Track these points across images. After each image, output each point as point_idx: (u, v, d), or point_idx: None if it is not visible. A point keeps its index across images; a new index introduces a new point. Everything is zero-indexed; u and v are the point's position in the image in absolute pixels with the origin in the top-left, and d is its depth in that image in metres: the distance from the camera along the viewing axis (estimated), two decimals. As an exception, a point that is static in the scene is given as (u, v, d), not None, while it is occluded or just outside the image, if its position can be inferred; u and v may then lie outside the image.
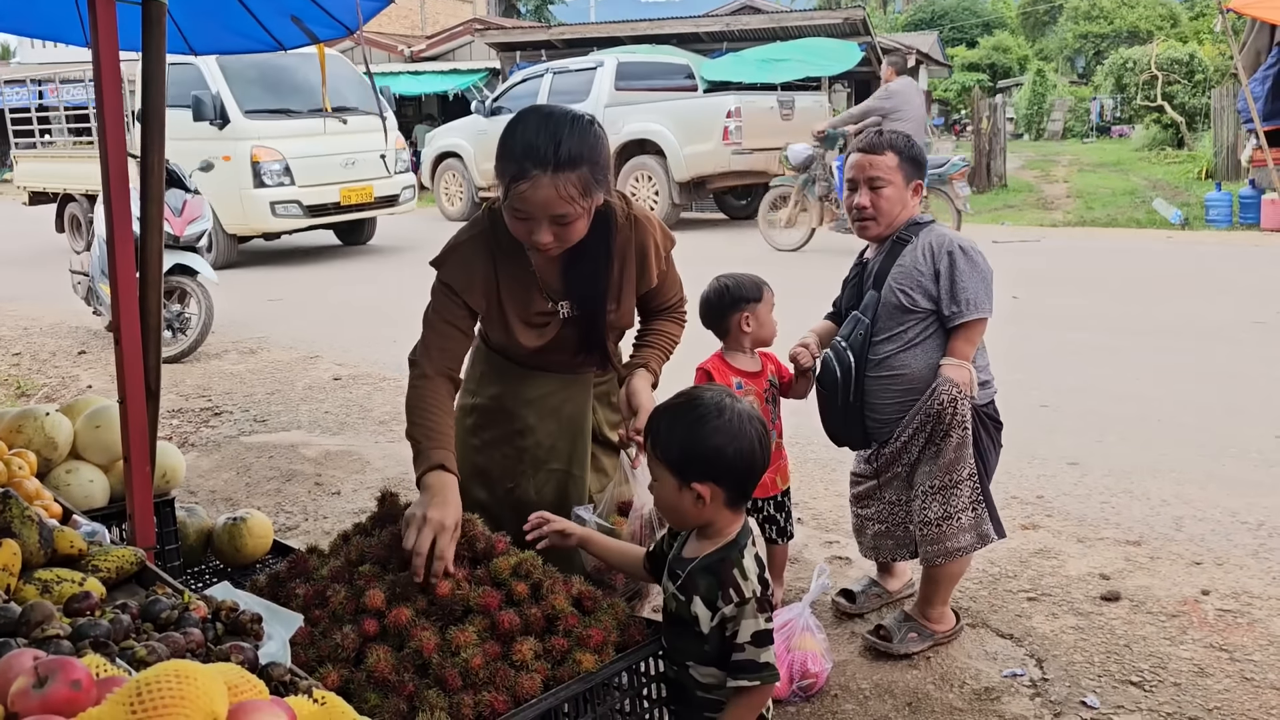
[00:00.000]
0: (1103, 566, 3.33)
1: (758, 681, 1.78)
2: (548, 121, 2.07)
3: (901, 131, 3.01)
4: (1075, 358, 6.08)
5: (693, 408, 1.85)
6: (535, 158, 2.01)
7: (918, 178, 2.86)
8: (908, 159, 2.83)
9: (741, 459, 1.82)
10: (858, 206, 2.85)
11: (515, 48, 19.81)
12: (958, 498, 2.72)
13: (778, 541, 3.14)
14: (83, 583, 1.72)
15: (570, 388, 2.50)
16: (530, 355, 2.38)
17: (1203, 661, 2.74)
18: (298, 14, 3.31)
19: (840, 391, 2.84)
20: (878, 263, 2.87)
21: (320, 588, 1.98)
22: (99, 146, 2.34)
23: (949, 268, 2.71)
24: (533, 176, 2.02)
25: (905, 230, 2.83)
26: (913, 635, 2.82)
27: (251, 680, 1.22)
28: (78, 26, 3.41)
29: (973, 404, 2.73)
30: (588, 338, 2.37)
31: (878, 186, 2.81)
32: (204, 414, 5.63)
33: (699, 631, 1.82)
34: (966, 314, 2.69)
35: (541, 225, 2.08)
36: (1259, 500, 3.83)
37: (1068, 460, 4.35)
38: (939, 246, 2.75)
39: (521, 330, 2.30)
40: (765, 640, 1.79)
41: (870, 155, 2.83)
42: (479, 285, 2.24)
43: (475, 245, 2.27)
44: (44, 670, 1.10)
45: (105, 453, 2.73)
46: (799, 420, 3.28)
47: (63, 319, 8.52)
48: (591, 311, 2.33)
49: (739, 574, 1.81)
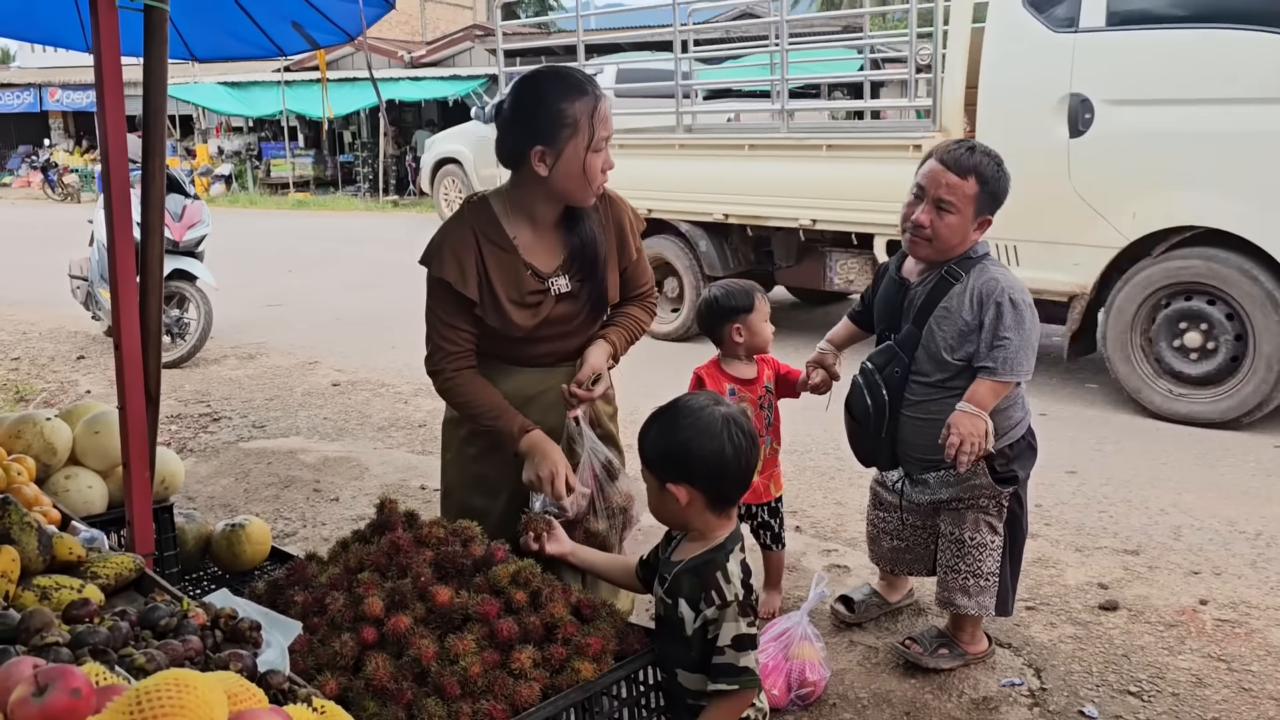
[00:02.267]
0: (1101, 575, 3.33)
1: (736, 686, 1.76)
2: (560, 69, 2.28)
3: (995, 152, 2.60)
4: (1071, 365, 6.08)
5: (670, 409, 1.88)
6: (592, 86, 2.22)
7: (989, 212, 2.59)
8: (990, 191, 2.55)
9: (711, 459, 1.81)
10: (915, 222, 2.59)
11: (515, 54, 19.84)
12: (976, 560, 2.69)
13: (772, 548, 3.14)
14: (82, 589, 1.71)
15: (560, 381, 2.51)
16: (525, 340, 2.39)
17: (1201, 671, 2.74)
18: (299, 20, 3.32)
19: (872, 424, 2.73)
20: (922, 294, 2.65)
21: (319, 595, 1.98)
22: (100, 152, 2.34)
23: (994, 320, 2.52)
24: (600, 97, 2.21)
25: (958, 263, 2.60)
26: (944, 651, 2.78)
27: (250, 688, 1.22)
28: (79, 31, 3.41)
29: (1012, 486, 2.66)
30: (593, 305, 2.42)
31: (944, 210, 2.54)
32: (203, 420, 5.63)
33: (684, 635, 1.83)
34: (1000, 374, 2.52)
35: (606, 152, 2.24)
36: (1257, 510, 3.84)
37: (1066, 469, 4.35)
38: (988, 295, 2.53)
39: (516, 311, 2.32)
40: (746, 645, 1.77)
41: (950, 173, 2.53)
42: (472, 276, 2.28)
43: (461, 237, 2.30)
44: (43, 678, 1.09)
45: (104, 458, 2.73)
46: (797, 427, 3.29)
47: (62, 324, 8.52)
48: (597, 267, 2.38)
49: (721, 576, 1.81)
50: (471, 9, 36.35)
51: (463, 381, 2.32)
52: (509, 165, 2.30)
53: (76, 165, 25.30)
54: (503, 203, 2.33)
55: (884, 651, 2.88)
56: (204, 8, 3.23)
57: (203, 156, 25.33)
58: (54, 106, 29.13)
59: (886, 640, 2.94)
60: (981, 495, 2.68)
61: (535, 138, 2.19)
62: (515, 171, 2.29)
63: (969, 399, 2.52)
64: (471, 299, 2.28)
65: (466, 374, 2.32)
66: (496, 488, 2.48)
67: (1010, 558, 2.73)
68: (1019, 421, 2.70)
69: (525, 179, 2.27)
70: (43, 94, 28.66)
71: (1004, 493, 2.68)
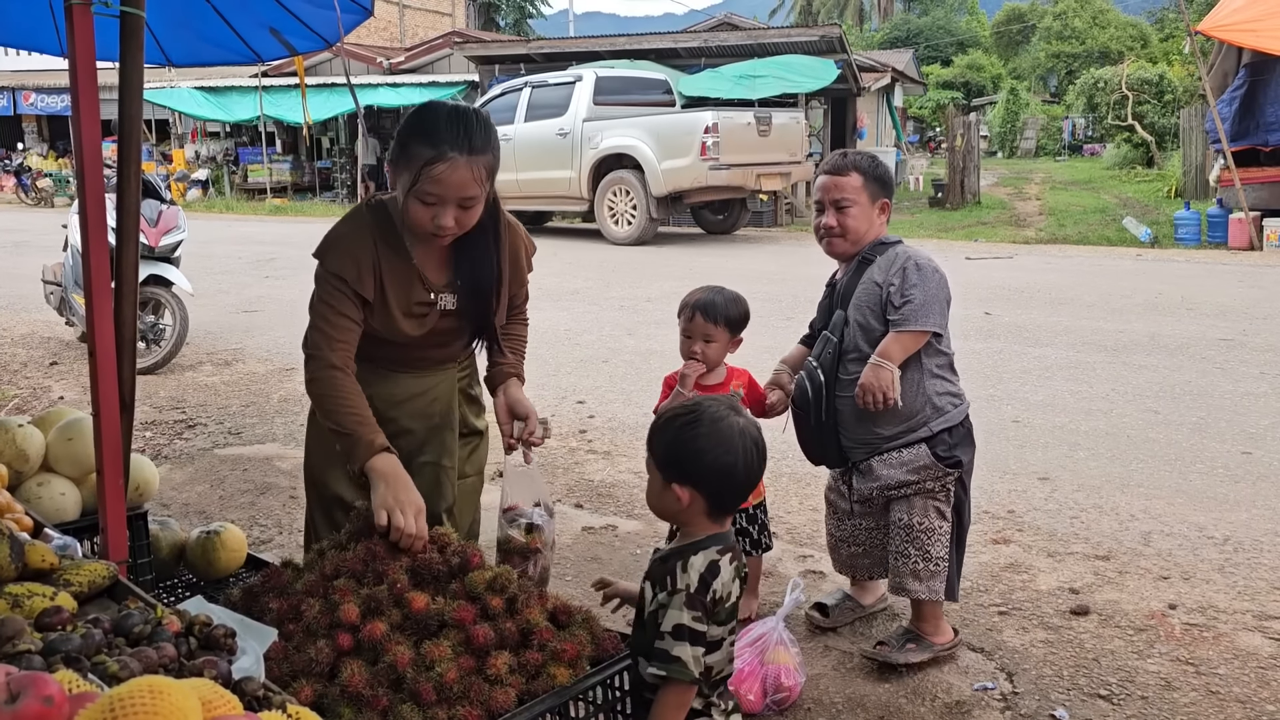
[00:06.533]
0: (1072, 580, 3.37)
1: (664, 672, 1.77)
2: (457, 112, 2.21)
3: (866, 152, 3.04)
4: (1046, 373, 6.15)
5: (689, 414, 1.91)
6: (453, 142, 2.13)
7: (884, 196, 2.89)
8: (873, 178, 2.86)
9: (723, 470, 1.85)
10: (825, 226, 2.88)
11: (494, 61, 19.84)
12: (924, 545, 2.79)
13: (752, 553, 3.16)
14: (54, 597, 1.70)
15: (437, 384, 2.54)
16: (406, 347, 2.40)
17: (1169, 675, 2.78)
18: (277, 26, 3.32)
19: (813, 410, 2.88)
20: (844, 282, 2.91)
21: (295, 602, 1.97)
22: (75, 156, 2.33)
23: (901, 280, 2.75)
24: (450, 159, 2.13)
25: (871, 249, 2.87)
26: (911, 646, 2.84)
27: (225, 695, 1.22)
28: (54, 35, 3.40)
29: (957, 471, 2.78)
30: (478, 324, 2.44)
31: (844, 207, 2.84)
32: (178, 426, 5.58)
33: (643, 619, 1.89)
34: (905, 324, 2.72)
35: (448, 209, 2.18)
36: (1225, 515, 3.89)
37: (1038, 475, 4.40)
38: (897, 262, 2.79)
39: (403, 320, 2.33)
40: (683, 635, 1.78)
41: (835, 177, 2.86)
42: (368, 276, 2.27)
43: (359, 236, 2.29)
44: (15, 686, 1.09)
45: (77, 465, 2.71)
46: (771, 435, 3.29)
47: (35, 329, 8.43)
48: (484, 296, 2.39)
49: (680, 566, 1.84)
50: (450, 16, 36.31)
51: (340, 377, 2.21)
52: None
53: (50, 170, 25.06)
54: (399, 210, 2.31)
55: (859, 656, 2.90)
56: (181, 13, 3.22)
57: (179, 161, 25.15)
58: (28, 110, 28.85)
59: (861, 645, 2.96)
60: (928, 479, 2.78)
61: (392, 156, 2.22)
62: None
63: (879, 353, 2.72)
64: (366, 297, 2.27)
65: (344, 371, 2.22)
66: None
67: (956, 544, 2.84)
68: (955, 407, 2.83)
69: None
70: (17, 97, 28.37)
71: (950, 476, 2.79)
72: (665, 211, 13.57)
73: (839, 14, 54.78)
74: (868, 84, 20.80)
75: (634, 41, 18.26)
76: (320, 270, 2.29)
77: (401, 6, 32.98)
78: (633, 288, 9.84)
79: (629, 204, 13.48)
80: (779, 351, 3.09)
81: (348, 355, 2.26)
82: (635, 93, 14.60)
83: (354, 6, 3.25)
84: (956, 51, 48.10)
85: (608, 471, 4.60)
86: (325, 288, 2.28)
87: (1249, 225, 11.76)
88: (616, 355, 6.93)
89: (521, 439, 2.42)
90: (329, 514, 2.49)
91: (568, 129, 13.80)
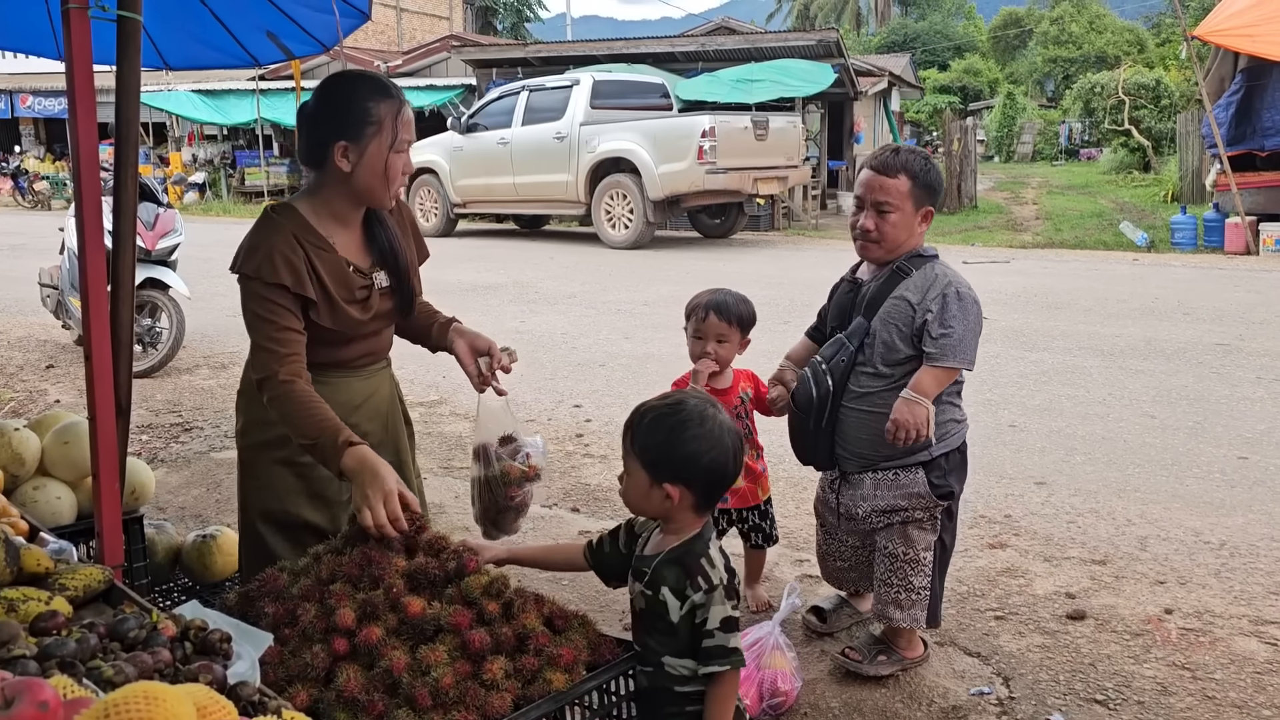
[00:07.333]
0: (1069, 585, 3.37)
1: (727, 666, 1.85)
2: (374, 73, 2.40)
3: (920, 150, 2.76)
4: (1043, 378, 6.16)
5: (676, 412, 1.92)
6: (397, 91, 2.30)
7: (929, 204, 2.70)
8: (923, 184, 2.66)
9: (715, 468, 1.90)
10: (861, 228, 2.70)
11: (492, 65, 19.85)
12: (908, 575, 2.73)
13: (762, 547, 3.21)
14: (49, 601, 1.70)
15: (381, 383, 2.54)
16: (352, 342, 2.40)
17: (1166, 680, 2.78)
18: (274, 30, 3.32)
19: (814, 415, 2.77)
20: (872, 288, 2.74)
21: (290, 606, 1.97)
22: (71, 159, 2.33)
23: (940, 309, 2.59)
24: (404, 103, 2.29)
25: (907, 260, 2.69)
26: (882, 658, 2.82)
27: (220, 701, 1.22)
28: (51, 39, 3.39)
29: (948, 502, 2.71)
30: (404, 301, 2.47)
31: (885, 211, 2.65)
32: (174, 430, 5.58)
33: (670, 622, 1.89)
34: (943, 360, 2.59)
35: (407, 155, 2.31)
36: (1222, 520, 3.90)
37: (1035, 480, 4.41)
38: (937, 286, 2.63)
39: (350, 308, 2.34)
40: (733, 626, 1.86)
41: (881, 176, 2.66)
42: (306, 277, 2.26)
43: (284, 241, 2.25)
44: (10, 691, 1.09)
45: (73, 469, 2.70)
46: (767, 438, 3.31)
47: (31, 332, 8.42)
48: (404, 262, 2.44)
49: (706, 562, 1.88)
50: (448, 19, 36.32)
51: (298, 389, 2.17)
52: (310, 163, 2.31)
53: (47, 172, 25.02)
54: (308, 207, 2.31)
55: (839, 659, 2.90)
56: (178, 17, 3.22)
57: (176, 164, 25.13)
58: (25, 113, 28.83)
59: (830, 647, 2.96)
60: (918, 507, 2.70)
61: (340, 133, 2.22)
62: (318, 171, 2.30)
63: (913, 387, 2.59)
64: (311, 298, 2.26)
65: (300, 384, 2.18)
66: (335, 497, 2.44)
67: (939, 571, 2.78)
68: (955, 433, 2.74)
69: (328, 178, 2.29)
70: (14, 100, 28.35)
71: (938, 506, 2.71)
72: (662, 215, 13.58)
73: (836, 18, 54.92)
74: (865, 88, 20.82)
75: (631, 45, 18.29)
76: (252, 285, 2.22)
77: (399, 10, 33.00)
78: (630, 291, 9.84)
79: (626, 208, 13.49)
80: (775, 355, 3.08)
81: (299, 366, 2.22)
82: (632, 97, 14.62)
83: (351, 10, 3.25)
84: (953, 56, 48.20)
85: (604, 475, 4.59)
86: (260, 302, 2.22)
87: (1245, 230, 11.80)
88: (613, 359, 6.93)
89: (491, 372, 2.43)
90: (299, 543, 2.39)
91: (565, 133, 13.82)
